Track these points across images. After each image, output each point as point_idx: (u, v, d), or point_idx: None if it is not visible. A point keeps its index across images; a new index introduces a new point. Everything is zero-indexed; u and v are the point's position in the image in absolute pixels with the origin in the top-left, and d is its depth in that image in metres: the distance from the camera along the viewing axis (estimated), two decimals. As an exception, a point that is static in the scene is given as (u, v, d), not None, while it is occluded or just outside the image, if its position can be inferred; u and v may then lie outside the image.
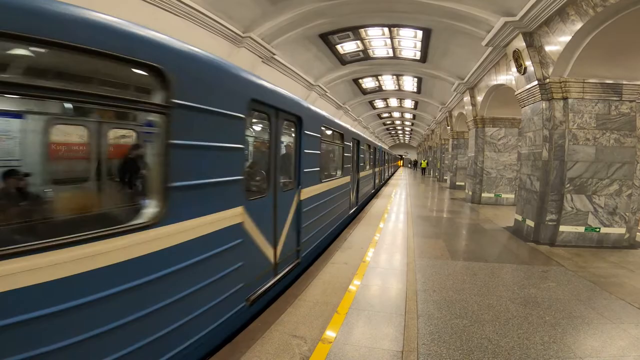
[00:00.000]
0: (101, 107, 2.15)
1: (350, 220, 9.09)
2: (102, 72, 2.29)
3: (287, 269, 4.35)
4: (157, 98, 2.24)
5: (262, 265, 3.70)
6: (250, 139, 4.37)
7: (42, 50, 1.78)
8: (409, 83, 19.43)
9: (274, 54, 10.75)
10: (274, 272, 4.01)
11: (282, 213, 4.19)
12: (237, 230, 3.09)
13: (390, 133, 51.52)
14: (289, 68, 12.54)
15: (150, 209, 2.25)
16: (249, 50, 9.73)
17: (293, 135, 4.75)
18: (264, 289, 3.69)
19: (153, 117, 2.31)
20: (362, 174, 10.91)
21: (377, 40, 13.14)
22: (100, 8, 1.88)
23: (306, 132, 4.85)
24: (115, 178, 3.09)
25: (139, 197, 2.34)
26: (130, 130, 3.54)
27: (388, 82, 19.53)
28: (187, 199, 2.48)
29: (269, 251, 3.83)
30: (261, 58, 10.50)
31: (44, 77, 1.93)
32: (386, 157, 24.57)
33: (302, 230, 4.83)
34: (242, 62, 9.32)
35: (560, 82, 6.91)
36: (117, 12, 1.97)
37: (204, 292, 2.68)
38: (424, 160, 38.16)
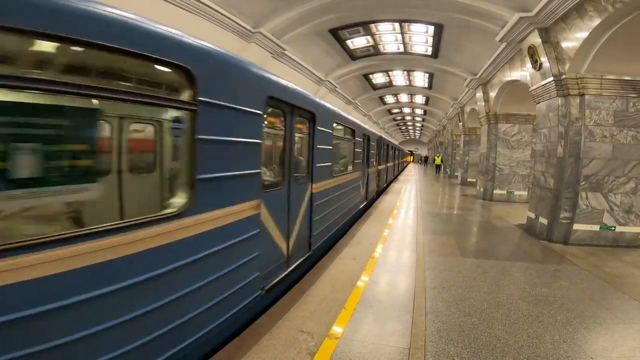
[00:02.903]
0: None
1: (386, 187, 16.56)
2: None
3: (370, 198, 10.56)
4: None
5: (361, 195, 8.69)
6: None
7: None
8: (420, 78, 19.20)
9: (284, 50, 10.72)
10: (365, 198, 9.93)
11: (372, 175, 10.47)
12: (359, 180, 7.94)
13: (400, 129, 51.05)
14: (299, 63, 12.51)
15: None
16: (259, 45, 9.73)
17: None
18: (364, 204, 9.31)
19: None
20: (388, 164, 17.23)
21: (388, 36, 13.00)
22: (113, 2, 1.90)
23: (372, 143, 10.15)
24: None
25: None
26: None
27: (399, 77, 19.32)
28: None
29: (365, 189, 9.24)
30: (271, 53, 10.49)
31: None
32: (399, 153, 28.84)
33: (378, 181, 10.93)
34: (253, 57, 9.32)
35: (577, 79, 6.76)
36: (128, 7, 1.98)
37: (357, 195, 8.19)
38: (438, 156, 33.04)
